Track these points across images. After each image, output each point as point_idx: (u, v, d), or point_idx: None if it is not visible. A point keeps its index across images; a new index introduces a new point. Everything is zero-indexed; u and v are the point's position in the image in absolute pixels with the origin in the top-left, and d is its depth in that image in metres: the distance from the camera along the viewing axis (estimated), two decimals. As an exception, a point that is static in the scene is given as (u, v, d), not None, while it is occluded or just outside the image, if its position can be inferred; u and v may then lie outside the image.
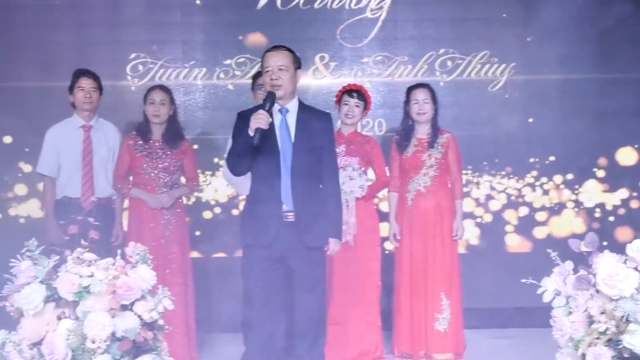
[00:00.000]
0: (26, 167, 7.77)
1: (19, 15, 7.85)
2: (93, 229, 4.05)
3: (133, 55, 7.97)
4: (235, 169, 5.35)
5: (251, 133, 5.01)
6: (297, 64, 5.32)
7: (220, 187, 7.91)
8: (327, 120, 5.41)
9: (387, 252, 7.10)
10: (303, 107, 5.37)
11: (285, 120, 5.25)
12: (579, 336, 3.65)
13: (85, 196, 6.41)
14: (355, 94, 6.68)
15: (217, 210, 7.95)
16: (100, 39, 7.94)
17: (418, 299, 6.59)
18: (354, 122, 6.74)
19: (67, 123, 6.59)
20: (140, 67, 7.96)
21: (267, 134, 5.08)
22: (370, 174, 6.79)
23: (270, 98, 5.11)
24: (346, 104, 6.69)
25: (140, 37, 7.98)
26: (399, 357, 6.70)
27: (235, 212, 7.88)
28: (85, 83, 6.51)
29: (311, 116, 5.34)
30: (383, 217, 7.12)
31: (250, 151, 5.09)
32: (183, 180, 6.74)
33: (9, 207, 7.85)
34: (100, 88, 6.61)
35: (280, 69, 5.19)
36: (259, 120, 4.99)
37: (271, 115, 5.09)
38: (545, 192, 7.95)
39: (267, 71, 5.23)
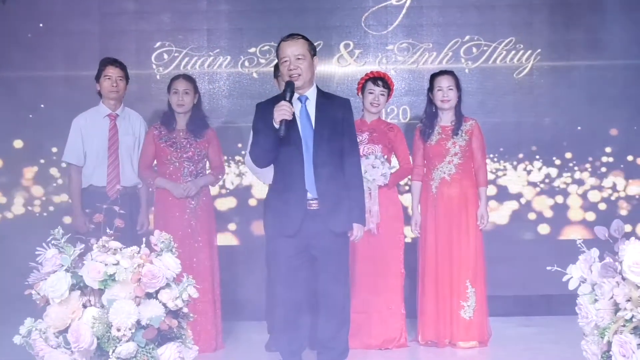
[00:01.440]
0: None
1: (46, 3, 7.89)
2: (118, 218, 4.07)
3: (158, 44, 8.00)
4: (261, 162, 5.37)
5: (276, 125, 5.02)
6: (313, 52, 5.30)
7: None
8: (346, 106, 5.39)
9: (407, 239, 7.06)
10: (322, 94, 5.36)
11: (305, 109, 5.23)
12: (604, 324, 3.62)
13: (110, 185, 6.44)
14: (380, 82, 6.66)
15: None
16: (126, 28, 7.98)
17: (443, 287, 6.58)
18: (379, 111, 6.74)
19: (93, 112, 6.63)
20: (165, 56, 7.99)
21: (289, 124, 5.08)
22: (394, 162, 6.77)
23: (290, 88, 5.10)
24: (371, 93, 6.67)
25: (166, 26, 8.01)
26: (424, 345, 6.68)
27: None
28: (112, 72, 6.54)
29: (331, 103, 5.33)
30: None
31: (276, 143, 5.09)
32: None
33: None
34: (126, 77, 6.65)
35: (298, 58, 5.18)
36: (282, 112, 4.99)
37: (292, 103, 5.09)
38: (573, 179, 7.89)
39: (284, 61, 5.21)
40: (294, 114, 5.09)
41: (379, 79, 6.69)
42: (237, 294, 7.56)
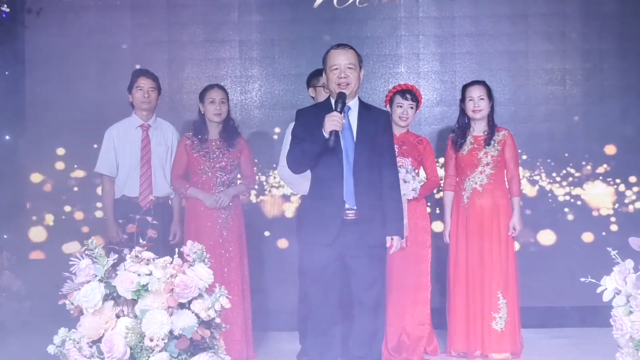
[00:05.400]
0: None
1: (79, 15, 7.96)
2: (151, 228, 4.09)
3: (190, 55, 8.03)
4: (298, 168, 5.36)
5: (326, 135, 5.01)
6: (361, 63, 5.32)
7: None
8: (386, 118, 5.43)
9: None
10: (363, 106, 5.36)
11: (347, 119, 5.22)
12: (639, 336, 3.60)
13: (143, 195, 6.47)
14: (409, 95, 6.63)
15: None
16: (158, 39, 8.02)
17: (474, 298, 6.55)
18: (408, 124, 6.68)
19: (125, 122, 6.66)
20: (198, 67, 8.02)
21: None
22: (422, 174, 6.74)
23: (342, 99, 5.09)
24: (400, 106, 6.63)
25: (197, 37, 8.05)
26: (455, 356, 6.65)
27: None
28: (144, 83, 6.57)
29: (372, 114, 5.33)
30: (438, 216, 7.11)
31: (319, 151, 5.10)
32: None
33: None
34: (158, 88, 6.66)
35: (349, 68, 5.18)
36: (334, 123, 4.99)
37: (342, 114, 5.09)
38: (604, 190, 7.84)
39: (335, 69, 5.20)
40: None
41: (408, 91, 6.65)
42: (269, 304, 7.58)
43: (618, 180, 7.84)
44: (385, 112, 5.48)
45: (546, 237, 7.87)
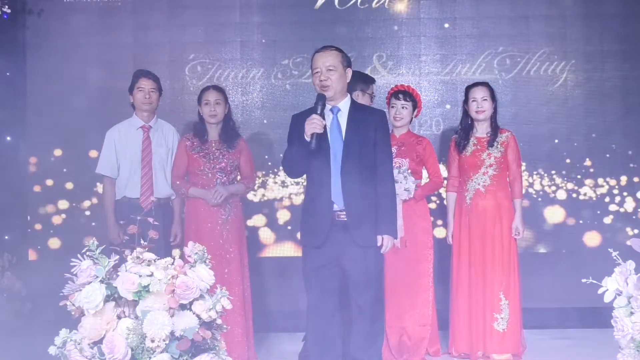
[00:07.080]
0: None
1: (80, 16, 7.96)
2: (152, 229, 4.08)
3: (191, 56, 8.03)
4: (292, 173, 5.42)
5: (307, 138, 5.03)
6: (347, 63, 5.30)
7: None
8: (380, 117, 5.37)
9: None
10: (355, 106, 5.36)
11: (336, 120, 5.23)
12: (640, 337, 3.60)
13: (144, 196, 6.45)
14: (401, 96, 6.63)
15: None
16: (159, 40, 8.02)
17: (476, 299, 6.54)
18: (403, 124, 6.67)
19: (126, 123, 6.64)
20: (199, 68, 8.02)
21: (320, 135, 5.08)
22: (425, 174, 6.74)
23: (321, 100, 5.11)
24: (393, 107, 6.65)
25: (199, 38, 8.05)
26: (457, 357, 6.65)
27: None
28: (145, 84, 6.56)
29: (364, 114, 5.32)
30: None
31: (306, 155, 5.10)
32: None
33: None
34: (159, 89, 6.65)
35: (329, 69, 5.18)
36: (313, 125, 5.01)
37: (323, 116, 5.09)
38: (606, 191, 7.83)
39: (316, 72, 5.23)
40: (325, 126, 5.09)
41: (401, 92, 6.67)
42: (270, 305, 7.58)
43: (620, 182, 7.83)
44: (379, 111, 5.44)
45: (547, 238, 7.87)
